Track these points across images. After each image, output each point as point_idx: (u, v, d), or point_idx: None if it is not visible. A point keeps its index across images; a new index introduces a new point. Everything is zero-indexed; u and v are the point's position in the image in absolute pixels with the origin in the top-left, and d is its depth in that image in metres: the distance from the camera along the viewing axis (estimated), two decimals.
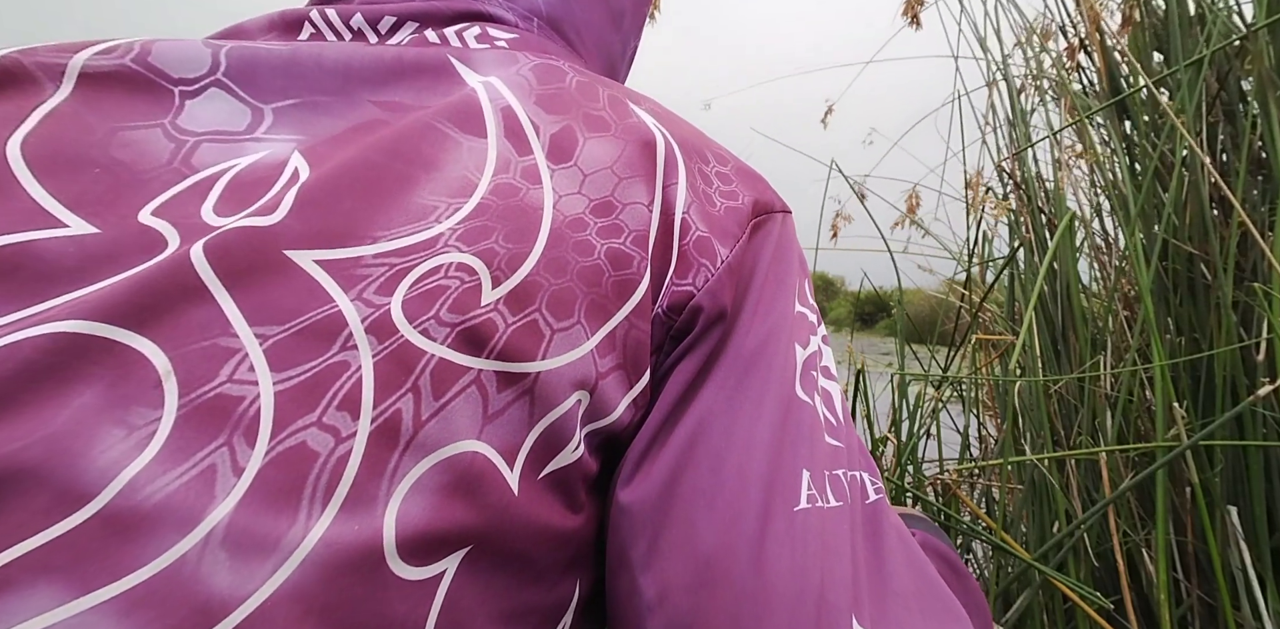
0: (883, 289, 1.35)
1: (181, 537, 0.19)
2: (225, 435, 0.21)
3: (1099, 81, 1.08)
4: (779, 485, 0.28)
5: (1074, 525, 0.78)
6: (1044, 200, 1.09)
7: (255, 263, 0.23)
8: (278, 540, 0.20)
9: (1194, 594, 0.85)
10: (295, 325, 0.23)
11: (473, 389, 0.25)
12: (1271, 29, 0.83)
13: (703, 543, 0.26)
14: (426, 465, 0.23)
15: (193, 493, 0.20)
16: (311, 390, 0.22)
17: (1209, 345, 0.88)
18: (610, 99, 0.33)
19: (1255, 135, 0.89)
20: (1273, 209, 0.87)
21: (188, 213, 0.25)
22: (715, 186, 0.33)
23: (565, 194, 0.29)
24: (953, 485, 1.04)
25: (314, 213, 0.25)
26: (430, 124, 0.29)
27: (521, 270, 0.27)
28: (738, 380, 0.30)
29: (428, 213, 0.26)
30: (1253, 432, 0.81)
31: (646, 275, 0.29)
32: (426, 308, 0.25)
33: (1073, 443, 0.96)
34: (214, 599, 0.19)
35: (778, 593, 0.25)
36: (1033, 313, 0.84)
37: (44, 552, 0.18)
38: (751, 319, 0.31)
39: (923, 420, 1.07)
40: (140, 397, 0.21)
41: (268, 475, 0.21)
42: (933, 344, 1.36)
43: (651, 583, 0.26)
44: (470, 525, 0.23)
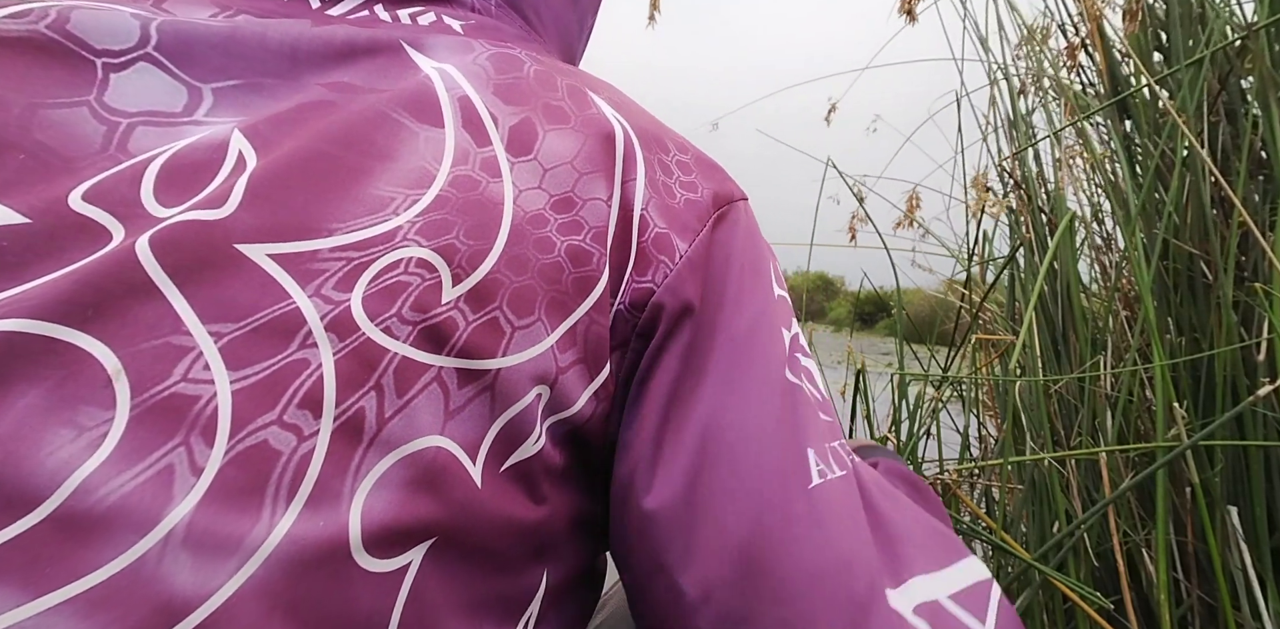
0: (883, 289, 1.35)
1: (140, 537, 0.19)
2: (182, 435, 0.21)
3: (1099, 81, 1.08)
4: (792, 469, 0.29)
5: (1074, 525, 0.78)
6: (1044, 200, 1.09)
7: (205, 258, 0.23)
8: (241, 539, 0.20)
9: (1194, 594, 0.85)
10: (251, 322, 0.23)
11: (434, 386, 0.25)
12: (1273, 28, 0.83)
13: (735, 537, 0.27)
14: (390, 461, 0.23)
15: (149, 494, 0.20)
16: (270, 389, 0.22)
17: (1209, 345, 0.87)
18: (569, 88, 0.33)
19: (1256, 135, 0.89)
20: (1273, 209, 0.87)
21: (125, 200, 0.24)
22: (675, 177, 0.33)
23: (525, 189, 0.29)
24: (953, 485, 1.04)
25: (265, 205, 0.24)
26: (384, 113, 0.28)
27: (482, 268, 0.27)
28: (734, 373, 0.30)
29: (385, 204, 0.26)
30: (1253, 432, 0.80)
31: (605, 272, 0.29)
32: (388, 305, 0.24)
33: (1073, 443, 0.96)
34: (176, 598, 0.19)
35: (813, 571, 0.27)
36: (1033, 313, 0.84)
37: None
38: (735, 310, 0.32)
39: (923, 420, 1.07)
40: (89, 397, 0.20)
41: (228, 475, 0.21)
42: (933, 344, 1.36)
43: (694, 583, 0.27)
44: (434, 519, 0.24)
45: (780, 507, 0.28)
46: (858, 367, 1.02)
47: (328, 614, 0.21)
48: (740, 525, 0.28)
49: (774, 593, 0.27)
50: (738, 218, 0.34)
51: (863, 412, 1.04)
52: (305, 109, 0.27)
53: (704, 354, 0.31)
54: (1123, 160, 0.98)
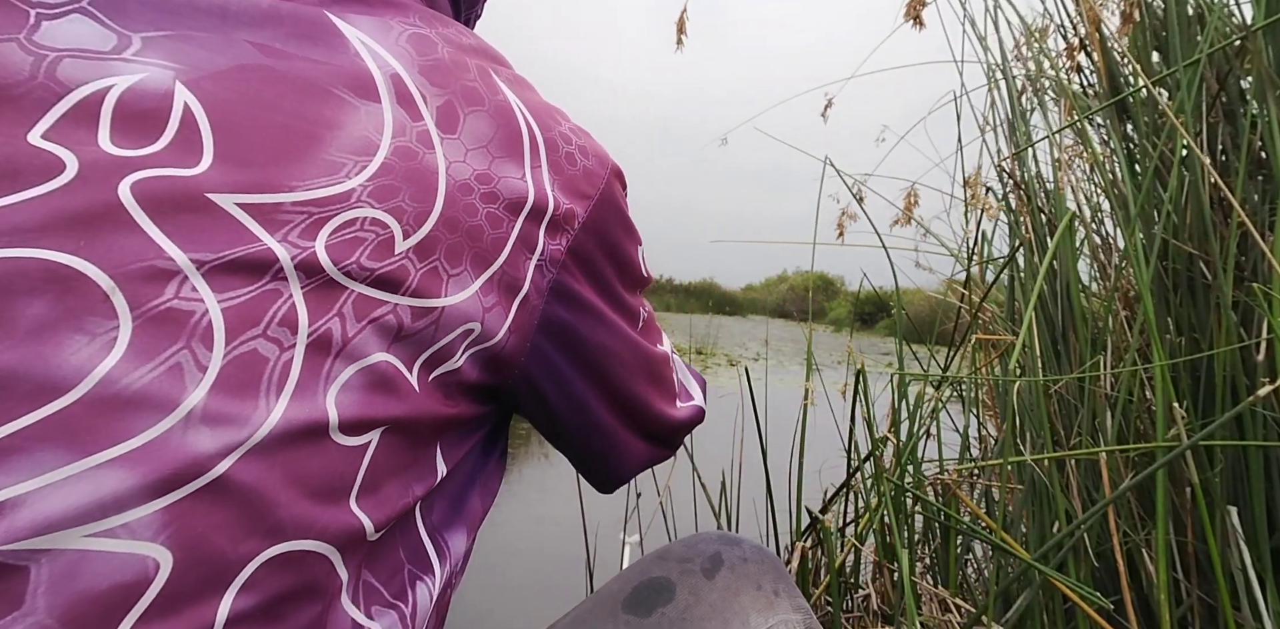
0: (882, 289, 1.35)
1: (164, 415, 0.24)
2: (184, 341, 0.25)
3: (1099, 82, 1.08)
4: (652, 382, 0.47)
5: (1074, 525, 0.78)
6: (1044, 200, 1.09)
7: (180, 203, 0.27)
8: (248, 418, 0.26)
9: (1194, 594, 0.85)
10: (227, 256, 0.27)
11: (390, 317, 0.31)
12: (1271, 29, 0.83)
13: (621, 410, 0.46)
14: (352, 371, 0.29)
15: (165, 384, 0.25)
16: (253, 310, 0.27)
17: (1209, 345, 0.88)
18: (479, 70, 0.38)
19: (1255, 135, 0.89)
20: (1273, 209, 0.87)
21: (80, 139, 0.26)
22: (573, 143, 0.41)
23: (454, 161, 0.35)
24: (953, 485, 1.04)
25: (232, 163, 0.28)
26: (326, 89, 0.32)
27: (425, 226, 0.32)
28: (612, 316, 0.42)
29: (337, 168, 0.30)
30: (1253, 432, 0.81)
31: (514, 235, 0.36)
32: (349, 254, 0.30)
33: (1073, 443, 0.96)
34: (201, 456, 0.25)
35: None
36: (1033, 313, 0.84)
37: (37, 427, 0.23)
38: (616, 263, 0.42)
39: (923, 420, 1.07)
40: (91, 308, 0.24)
41: (229, 372, 0.26)
42: (932, 344, 1.36)
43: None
44: (388, 413, 0.31)
45: (642, 405, 0.46)
46: (858, 367, 1.02)
47: (311, 472, 0.28)
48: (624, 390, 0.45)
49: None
50: (615, 186, 0.42)
51: (862, 412, 1.04)
52: (245, 71, 0.30)
53: (593, 302, 0.41)
54: (1122, 160, 0.98)
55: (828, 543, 1.01)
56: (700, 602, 0.46)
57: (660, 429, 0.50)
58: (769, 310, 18.25)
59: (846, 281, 16.24)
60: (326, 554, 0.28)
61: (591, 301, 0.41)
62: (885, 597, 1.05)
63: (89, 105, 0.27)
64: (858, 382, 1.02)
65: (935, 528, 1.13)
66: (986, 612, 0.78)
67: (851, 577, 1.11)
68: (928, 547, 1.19)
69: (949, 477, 1.05)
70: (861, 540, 1.06)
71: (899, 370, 1.06)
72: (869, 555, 1.07)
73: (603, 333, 0.42)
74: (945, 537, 1.01)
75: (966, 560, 1.23)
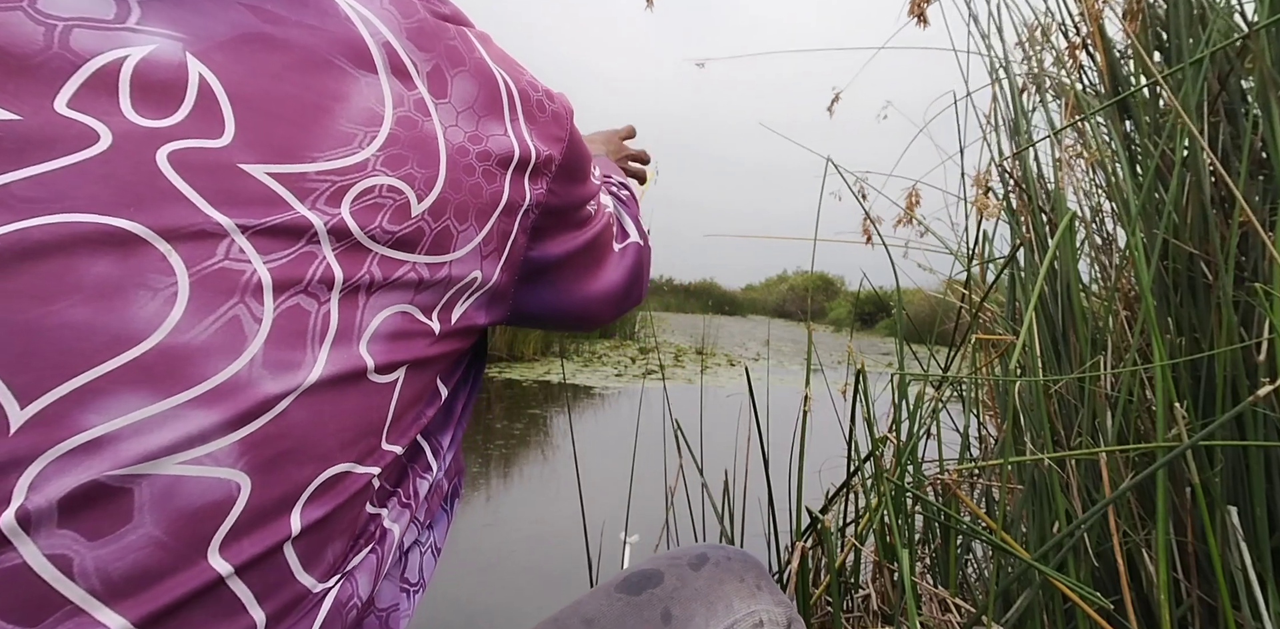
0: (882, 289, 1.35)
1: (232, 361, 0.28)
2: (238, 297, 0.28)
3: (1100, 81, 1.08)
4: (603, 262, 0.53)
5: (1074, 525, 0.78)
6: (1044, 200, 1.09)
7: (217, 173, 0.29)
8: (300, 363, 0.30)
9: (1194, 594, 0.85)
10: (268, 222, 0.30)
11: (411, 274, 0.35)
12: (1273, 28, 0.83)
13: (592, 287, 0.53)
14: (379, 320, 0.33)
15: (228, 335, 0.28)
16: (295, 269, 0.30)
17: (1209, 345, 0.87)
18: (456, 30, 0.41)
19: (1256, 135, 0.89)
20: (1274, 209, 0.87)
21: (105, 109, 0.28)
22: (540, 91, 0.44)
23: (448, 125, 0.38)
24: (953, 485, 1.04)
25: (256, 135, 0.31)
26: (326, 58, 0.34)
27: (435, 190, 0.36)
28: (575, 233, 0.49)
29: (350, 139, 0.33)
30: (1253, 432, 0.80)
31: (507, 188, 0.40)
32: (372, 219, 0.33)
33: (1073, 443, 0.96)
34: (268, 395, 0.28)
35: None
36: (1033, 313, 0.84)
37: (119, 372, 0.26)
38: (581, 195, 0.48)
39: (923, 420, 1.07)
40: (150, 266, 0.27)
41: (280, 324, 0.29)
42: (933, 344, 1.36)
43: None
44: (410, 355, 0.35)
45: (606, 290, 0.54)
46: (858, 367, 1.02)
47: (352, 409, 0.32)
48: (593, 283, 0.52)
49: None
50: (574, 121, 0.47)
51: (863, 412, 1.04)
52: (249, 40, 0.32)
53: (560, 227, 0.47)
54: (1123, 160, 0.98)
55: (828, 543, 1.01)
56: (686, 586, 0.51)
57: (616, 273, 0.57)
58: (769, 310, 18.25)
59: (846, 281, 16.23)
60: (362, 473, 0.33)
61: (559, 228, 0.47)
62: (885, 597, 1.05)
63: (106, 75, 0.28)
64: (858, 382, 1.02)
65: (935, 528, 1.13)
66: (986, 612, 0.78)
67: (851, 577, 1.11)
68: (928, 547, 1.19)
69: (949, 477, 1.05)
70: (861, 540, 1.06)
71: (899, 370, 1.06)
72: (869, 555, 1.07)
73: (565, 249, 0.48)
74: (945, 537, 1.01)
75: (966, 560, 1.23)
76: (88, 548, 0.24)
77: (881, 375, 1.25)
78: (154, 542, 0.25)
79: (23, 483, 0.24)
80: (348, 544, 0.33)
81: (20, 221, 0.25)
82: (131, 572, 0.25)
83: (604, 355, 6.05)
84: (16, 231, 0.25)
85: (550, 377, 4.66)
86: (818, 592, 1.03)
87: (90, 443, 0.25)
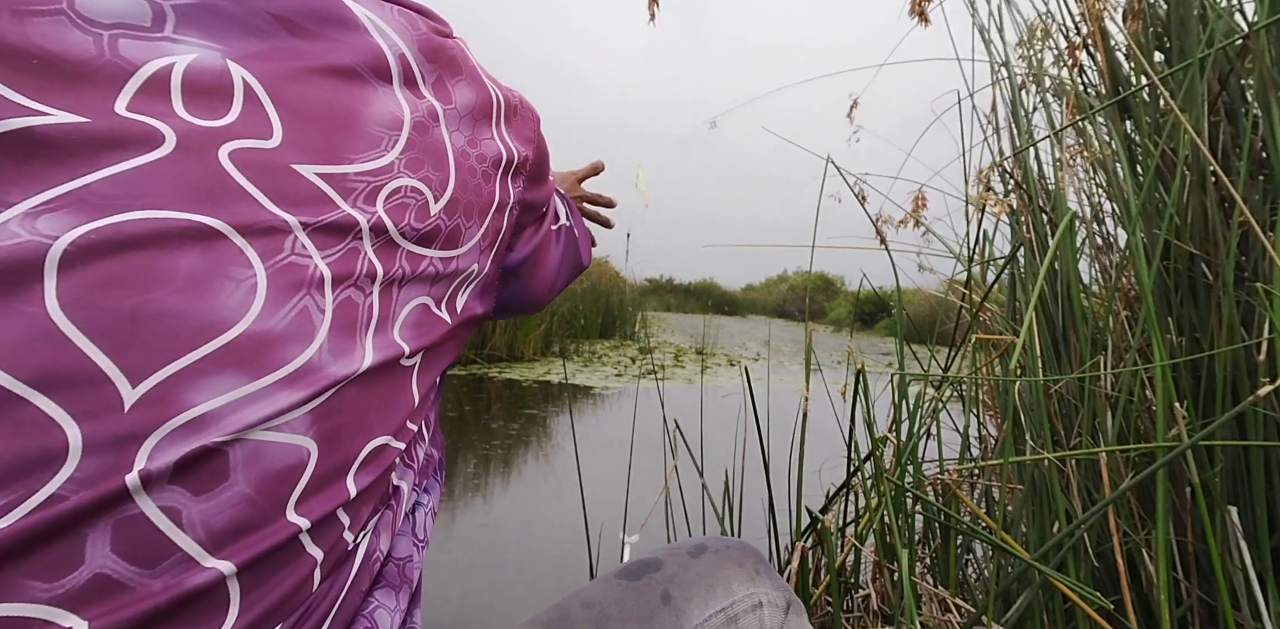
0: (882, 289, 1.35)
1: (305, 347, 0.31)
2: (305, 289, 0.31)
3: (1100, 81, 1.08)
4: (549, 250, 0.56)
5: (1074, 525, 0.78)
6: (1044, 200, 1.09)
7: (274, 173, 0.32)
8: (354, 349, 0.33)
9: (1194, 594, 0.85)
10: (323, 220, 0.33)
11: (430, 268, 0.38)
12: (1273, 28, 0.83)
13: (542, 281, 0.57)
14: (406, 311, 0.37)
15: (300, 324, 0.31)
16: (347, 264, 0.33)
17: (1209, 345, 0.87)
18: (454, 44, 0.43)
19: (1256, 135, 0.89)
20: (1274, 209, 0.87)
21: (162, 111, 0.30)
22: (515, 96, 0.47)
23: (453, 131, 0.41)
24: (953, 485, 1.04)
25: (301, 136, 0.33)
26: (351, 68, 0.36)
27: (448, 191, 0.39)
28: (547, 230, 0.54)
29: (378, 142, 0.36)
30: (1253, 432, 0.80)
31: (497, 187, 0.44)
32: (402, 217, 0.36)
33: (1073, 443, 0.96)
34: (337, 375, 0.32)
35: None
36: (1033, 313, 0.84)
37: (215, 356, 0.28)
38: (545, 194, 0.51)
39: (923, 420, 1.07)
40: (232, 260, 0.29)
41: (338, 314, 0.32)
42: (933, 344, 1.36)
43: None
44: (429, 341, 0.38)
45: (553, 283, 0.59)
46: (858, 367, 1.02)
47: (392, 388, 0.36)
48: (541, 282, 0.56)
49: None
50: (541, 131, 0.50)
51: (863, 412, 1.04)
52: (279, 50, 0.34)
53: (532, 229, 0.51)
54: (1123, 160, 0.98)
55: (828, 543, 1.01)
56: (686, 571, 0.52)
57: (554, 258, 0.61)
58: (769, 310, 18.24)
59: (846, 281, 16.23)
60: (395, 447, 0.36)
61: (528, 225, 0.51)
62: (885, 596, 1.05)
63: (158, 81, 0.30)
64: (858, 382, 1.02)
65: (935, 528, 1.13)
66: (986, 612, 0.78)
67: (851, 576, 1.11)
68: (928, 547, 1.19)
69: (949, 477, 1.05)
70: (861, 540, 1.06)
71: (899, 370, 1.06)
72: (869, 555, 1.07)
73: (532, 245, 0.52)
74: (945, 537, 1.01)
75: (966, 560, 1.23)
76: (194, 502, 0.27)
77: (881, 375, 1.25)
78: (246, 499, 0.29)
79: (142, 454, 0.27)
80: (375, 506, 0.36)
81: (109, 217, 0.27)
82: (229, 525, 0.28)
83: (604, 356, 6.05)
84: (111, 225, 0.27)
85: (550, 377, 4.66)
86: (818, 592, 1.03)
87: (196, 419, 0.28)
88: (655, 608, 0.48)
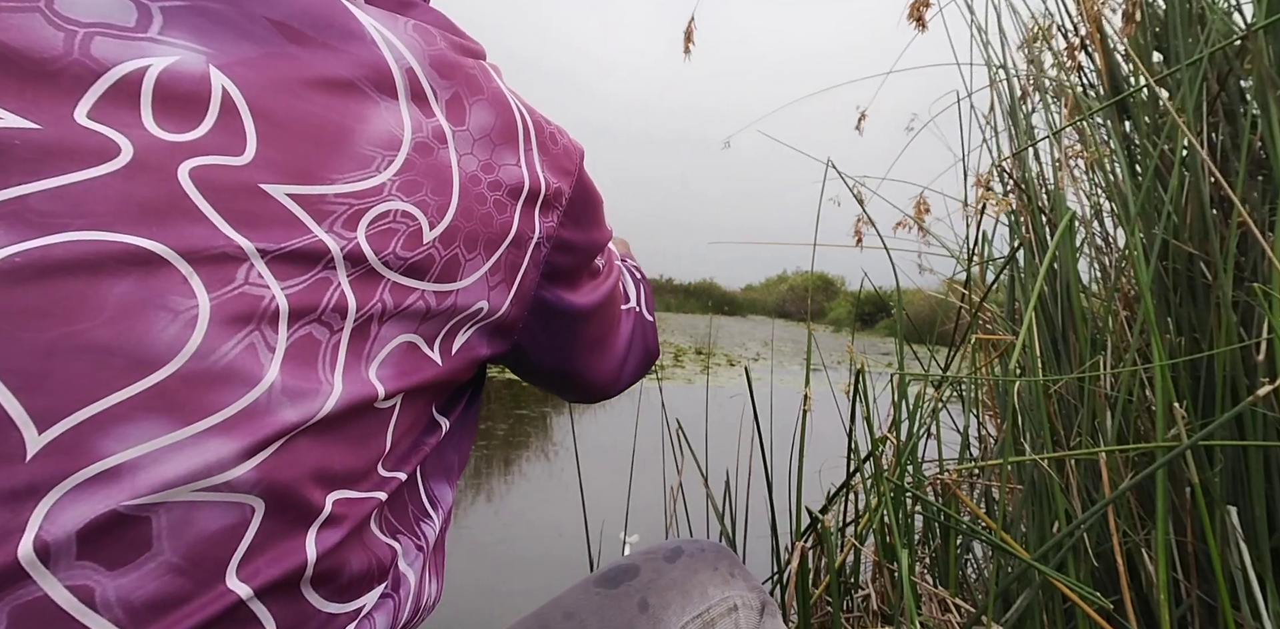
0: (883, 289, 1.35)
1: (251, 388, 0.28)
2: (254, 324, 0.28)
3: (1099, 82, 1.08)
4: (617, 325, 0.54)
5: (1074, 525, 0.78)
6: (1044, 200, 1.09)
7: (239, 193, 0.29)
8: (316, 391, 0.30)
9: (1194, 594, 0.85)
10: (287, 247, 0.29)
11: (420, 303, 0.34)
12: (1271, 29, 0.83)
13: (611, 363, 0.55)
14: (387, 350, 0.34)
15: (244, 362, 0.28)
16: (311, 296, 0.30)
17: (1209, 345, 0.88)
18: (477, 64, 0.41)
19: (1255, 135, 0.89)
20: (1273, 209, 0.87)
21: (126, 121, 0.27)
22: (552, 126, 0.44)
23: (463, 154, 0.37)
24: (953, 485, 1.04)
25: (278, 152, 0.30)
26: (350, 80, 0.33)
27: (447, 218, 0.35)
28: (588, 286, 0.48)
29: (368, 162, 0.33)
30: (1253, 432, 0.81)
31: (517, 218, 0.40)
32: (386, 245, 0.33)
33: (1072, 443, 0.96)
34: (288, 421, 0.28)
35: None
36: (1033, 313, 0.84)
37: (139, 398, 0.25)
38: (593, 235, 0.47)
39: (923, 420, 1.07)
40: (172, 288, 0.26)
41: (292, 353, 0.29)
42: (933, 344, 1.36)
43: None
44: (412, 383, 0.35)
45: (612, 347, 0.53)
46: (858, 367, 1.02)
47: (362, 433, 0.32)
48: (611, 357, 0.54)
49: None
50: (583, 162, 0.47)
51: (863, 412, 1.04)
52: (275, 58, 0.31)
53: (580, 271, 0.46)
54: (1122, 160, 0.98)
55: (828, 543, 1.01)
56: (662, 577, 0.52)
57: (620, 340, 0.56)
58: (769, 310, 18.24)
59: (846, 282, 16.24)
60: (367, 498, 0.33)
61: (578, 272, 0.46)
62: (885, 596, 1.05)
63: (128, 85, 0.28)
64: (858, 382, 1.02)
65: (935, 528, 1.13)
66: (986, 612, 0.78)
67: (851, 577, 1.11)
68: (928, 547, 1.19)
69: (949, 477, 1.05)
70: (861, 540, 1.06)
71: (899, 370, 1.06)
72: (869, 555, 1.07)
73: (590, 301, 0.48)
74: (945, 537, 1.01)
75: (966, 560, 1.23)
76: (108, 577, 0.24)
77: (881, 375, 1.25)
78: (173, 568, 0.25)
79: (39, 512, 0.23)
80: (365, 573, 0.33)
81: (41, 238, 0.25)
82: (153, 599, 0.25)
83: None
84: (39, 248, 0.24)
85: None
86: (818, 592, 1.03)
87: (108, 471, 0.24)
88: (633, 617, 0.49)
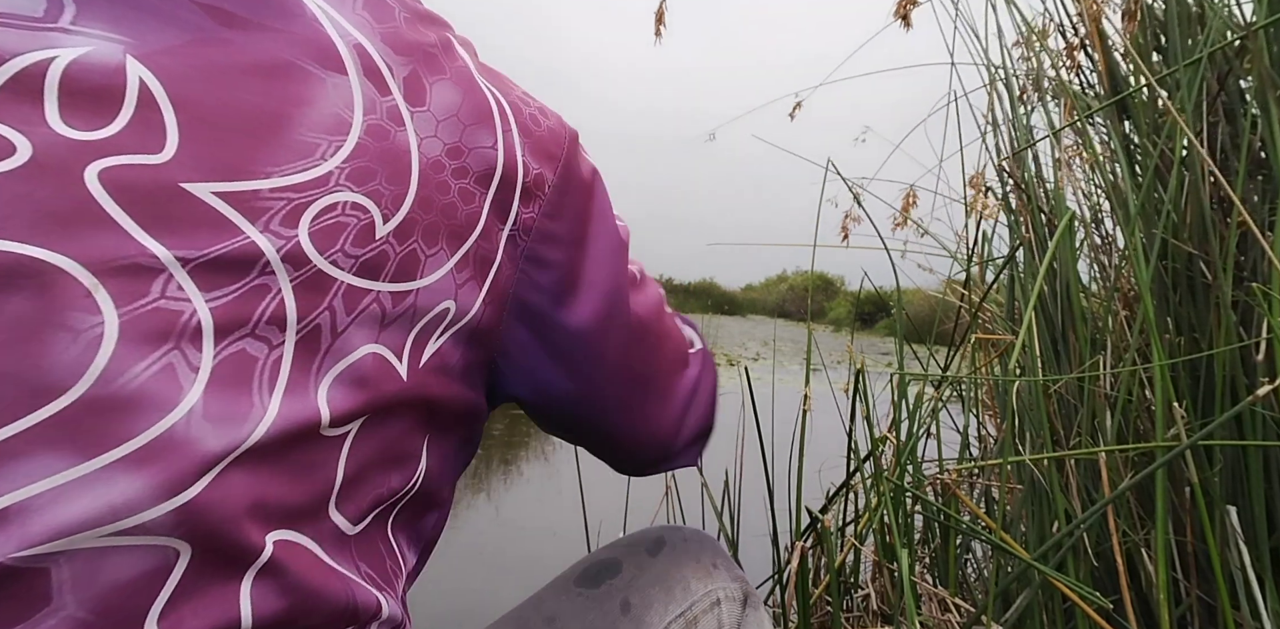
0: (882, 289, 1.35)
1: (165, 414, 0.24)
2: (173, 342, 0.25)
3: (1099, 82, 1.08)
4: (667, 359, 0.47)
5: (1073, 525, 0.78)
6: (1044, 200, 1.09)
7: (156, 196, 0.26)
8: (246, 415, 0.26)
9: (1193, 594, 0.85)
10: (212, 253, 0.26)
11: (374, 306, 0.31)
12: (1271, 29, 0.83)
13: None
14: (342, 366, 0.30)
15: (161, 383, 0.24)
16: (241, 308, 0.26)
17: (1209, 345, 0.88)
18: (437, 35, 0.37)
19: (1255, 135, 0.89)
20: (1273, 209, 0.87)
21: (28, 118, 0.24)
22: (533, 105, 0.40)
23: (425, 137, 0.34)
24: (952, 485, 1.04)
25: (203, 148, 0.27)
26: (289, 61, 0.30)
27: (403, 209, 0.32)
28: (591, 280, 0.41)
29: (312, 150, 0.29)
30: (1252, 432, 0.81)
31: (487, 208, 0.36)
32: (333, 242, 0.29)
33: (1072, 443, 0.96)
34: (209, 453, 0.25)
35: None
36: (1032, 313, 0.84)
37: (37, 430, 0.22)
38: (588, 228, 0.41)
39: (923, 420, 1.07)
40: (72, 304, 0.23)
41: (221, 372, 0.26)
42: (932, 344, 1.36)
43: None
44: (371, 404, 0.31)
45: (623, 329, 0.42)
46: (858, 367, 1.02)
47: (302, 463, 0.28)
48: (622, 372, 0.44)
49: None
50: (578, 149, 0.42)
51: (863, 412, 1.04)
52: (203, 44, 0.28)
53: (575, 271, 0.40)
54: (1122, 160, 0.98)
55: (827, 543, 1.01)
56: (644, 573, 0.51)
57: (685, 382, 0.48)
58: (769, 310, 18.24)
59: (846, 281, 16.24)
60: (307, 544, 0.29)
61: (566, 267, 0.40)
62: (885, 596, 1.05)
63: (29, 78, 0.25)
64: (857, 381, 1.02)
65: (935, 528, 1.13)
66: (986, 611, 0.78)
67: (851, 576, 1.11)
68: (927, 547, 1.19)
69: (949, 476, 1.05)
70: (861, 540, 1.06)
71: (899, 370, 1.06)
72: (869, 555, 1.07)
73: (592, 313, 0.40)
74: (945, 536, 1.01)
75: (966, 560, 1.23)
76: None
77: (881, 375, 1.25)
78: (79, 624, 0.22)
79: None
80: (312, 616, 0.29)
81: None
82: None
83: None
84: None
85: None
86: (818, 591, 1.03)
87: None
88: (615, 619, 0.48)
